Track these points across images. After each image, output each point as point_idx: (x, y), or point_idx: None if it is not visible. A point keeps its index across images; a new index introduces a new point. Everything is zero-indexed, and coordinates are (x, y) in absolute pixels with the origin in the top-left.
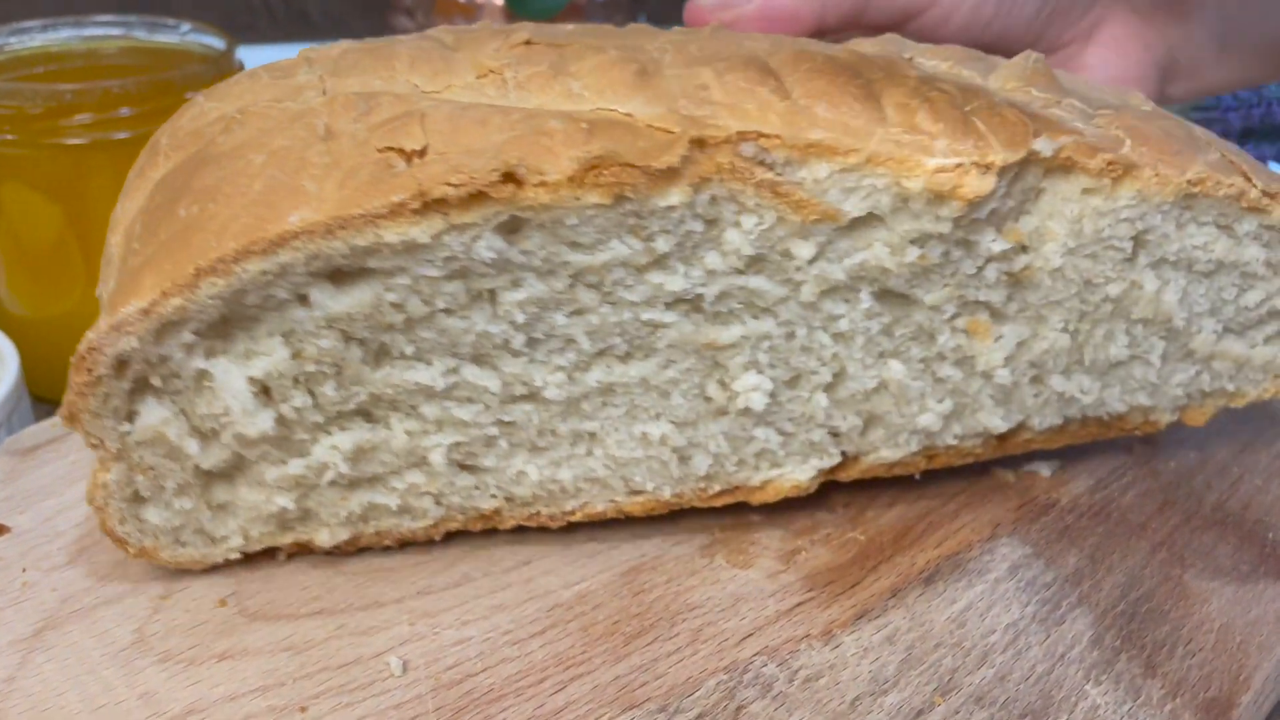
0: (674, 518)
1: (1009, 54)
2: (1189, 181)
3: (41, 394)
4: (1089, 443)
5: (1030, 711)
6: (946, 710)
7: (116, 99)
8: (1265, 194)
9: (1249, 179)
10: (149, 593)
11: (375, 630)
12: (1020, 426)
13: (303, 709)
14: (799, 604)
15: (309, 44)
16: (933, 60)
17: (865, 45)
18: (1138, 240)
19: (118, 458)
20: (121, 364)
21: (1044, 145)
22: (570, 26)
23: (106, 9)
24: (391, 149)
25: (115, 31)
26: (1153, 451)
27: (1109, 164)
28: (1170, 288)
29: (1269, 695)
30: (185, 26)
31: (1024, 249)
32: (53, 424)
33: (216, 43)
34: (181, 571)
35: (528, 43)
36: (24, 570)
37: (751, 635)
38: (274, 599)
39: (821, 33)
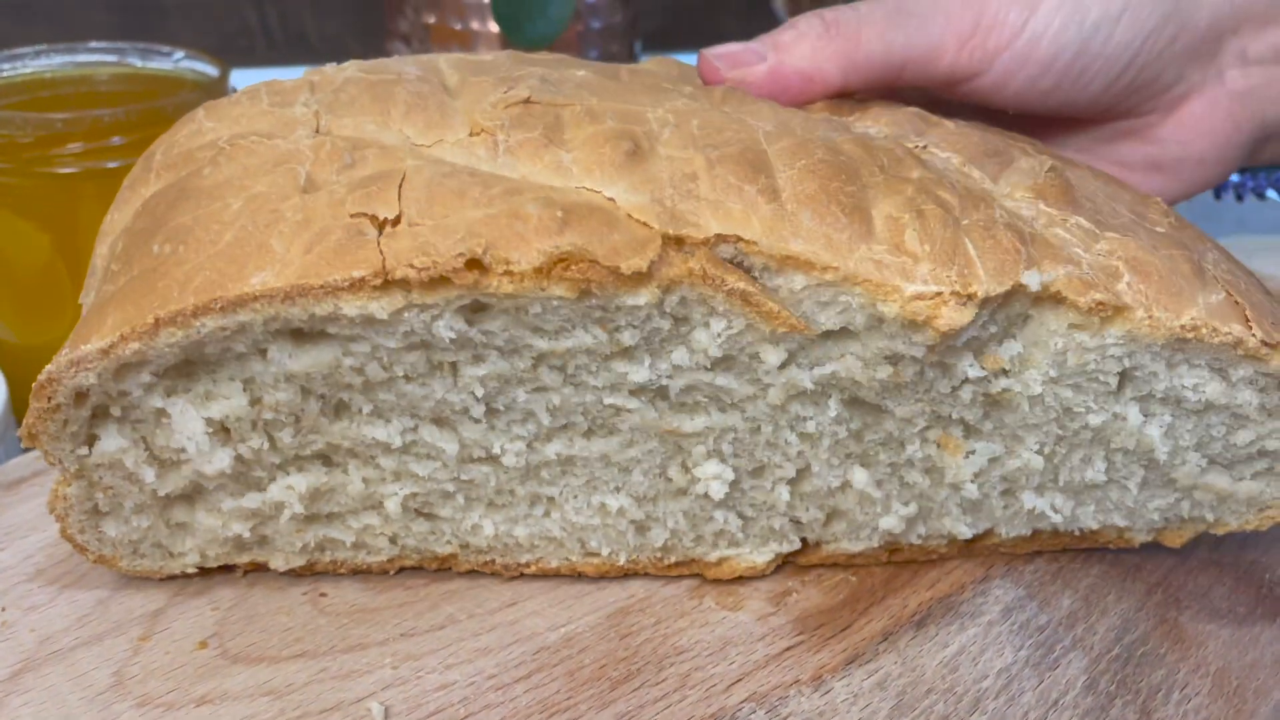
0: None
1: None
2: (1182, 327)
3: None
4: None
5: None
6: None
7: (108, 128)
8: (1265, 344)
9: (1249, 325)
10: (130, 634)
11: (357, 674)
12: (987, 533)
13: None
14: (788, 648)
15: (306, 68)
16: (946, 153)
17: (884, 118)
18: (1124, 375)
19: (77, 476)
20: (80, 395)
21: (1032, 279)
22: (580, 73)
23: (104, 33)
24: (365, 214)
25: (109, 58)
26: None
27: (1098, 304)
28: (1154, 422)
29: None
30: (179, 54)
31: (1005, 374)
32: (38, 456)
33: (210, 70)
34: (162, 611)
35: (527, 101)
36: (3, 609)
37: (740, 681)
38: (255, 641)
39: (848, 94)
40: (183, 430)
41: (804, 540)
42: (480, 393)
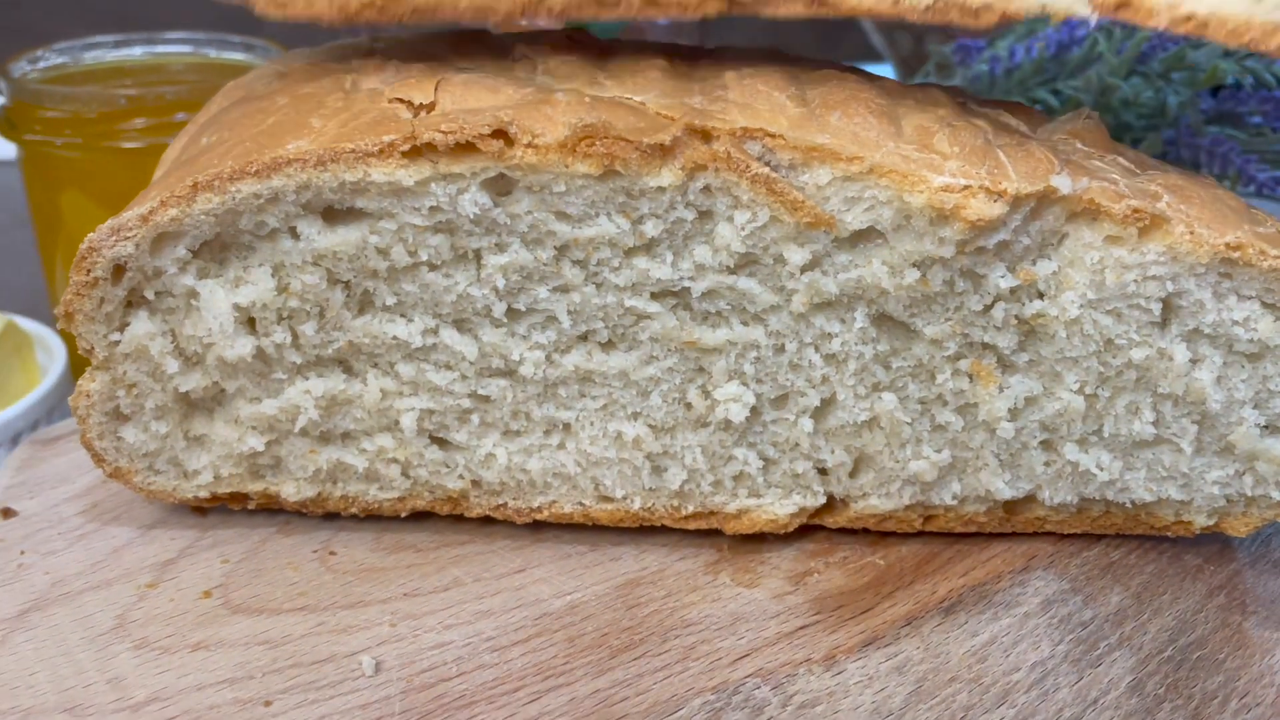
0: (681, 530)
1: None
2: (1227, 245)
3: None
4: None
5: None
6: None
7: (171, 105)
8: None
9: None
10: (138, 581)
11: (355, 629)
12: (1030, 499)
13: (267, 703)
14: (803, 627)
15: None
16: (983, 107)
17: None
18: (1168, 304)
19: (104, 366)
20: (118, 269)
21: (1063, 182)
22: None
23: (202, 26)
24: (401, 100)
25: (185, 49)
26: None
27: (1134, 211)
28: (1205, 365)
29: None
30: (257, 44)
31: (1040, 295)
32: None
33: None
34: (173, 561)
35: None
36: (22, 553)
37: (747, 656)
38: (259, 593)
39: None
40: (212, 312)
41: (830, 497)
42: (502, 286)
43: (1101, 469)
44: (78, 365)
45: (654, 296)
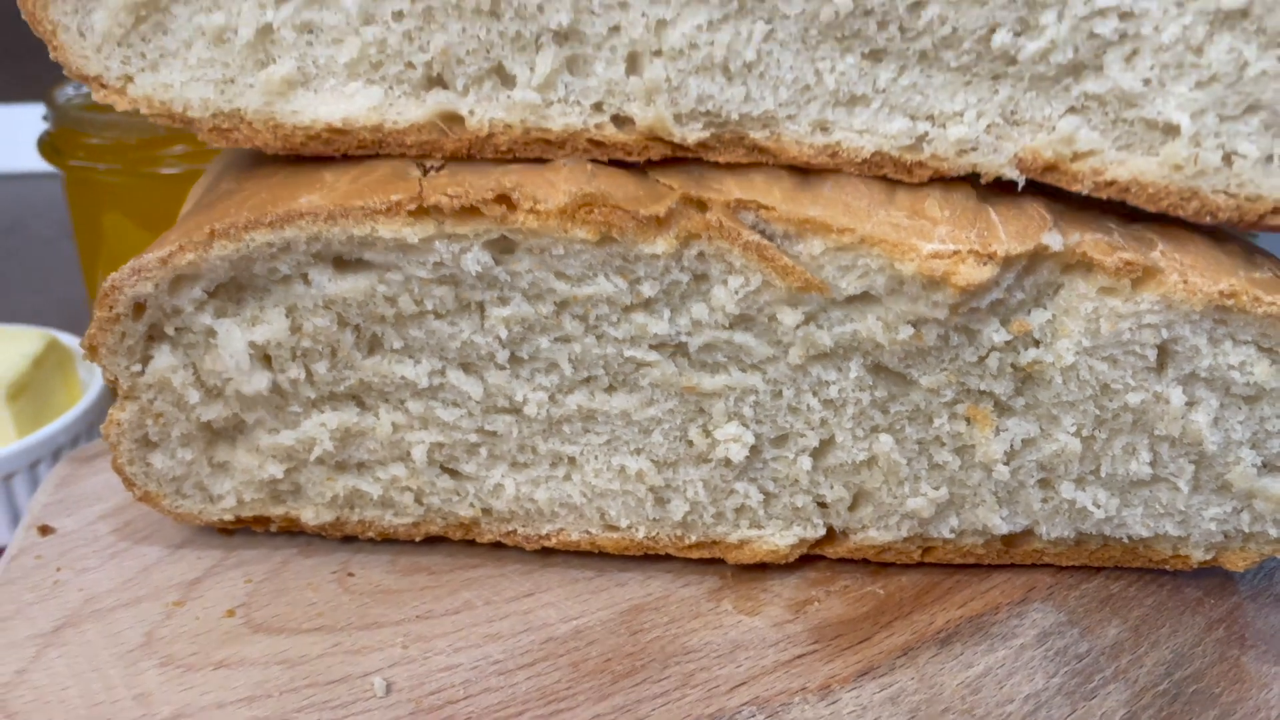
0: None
1: None
2: (1221, 293)
3: None
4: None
5: None
6: None
7: None
8: None
9: None
10: (166, 598)
11: (369, 650)
12: (1028, 533)
13: None
14: (800, 656)
15: None
16: None
17: None
18: (1164, 350)
19: (132, 396)
20: (139, 307)
21: (1054, 240)
22: None
23: None
24: (413, 158)
25: None
26: None
27: (1127, 263)
28: (1201, 408)
29: None
30: None
31: (1035, 343)
32: None
33: None
34: (200, 580)
35: None
36: (58, 570)
37: (744, 684)
38: (280, 613)
39: None
40: (228, 350)
41: (829, 530)
42: (504, 336)
43: (1098, 506)
44: None
45: (653, 347)
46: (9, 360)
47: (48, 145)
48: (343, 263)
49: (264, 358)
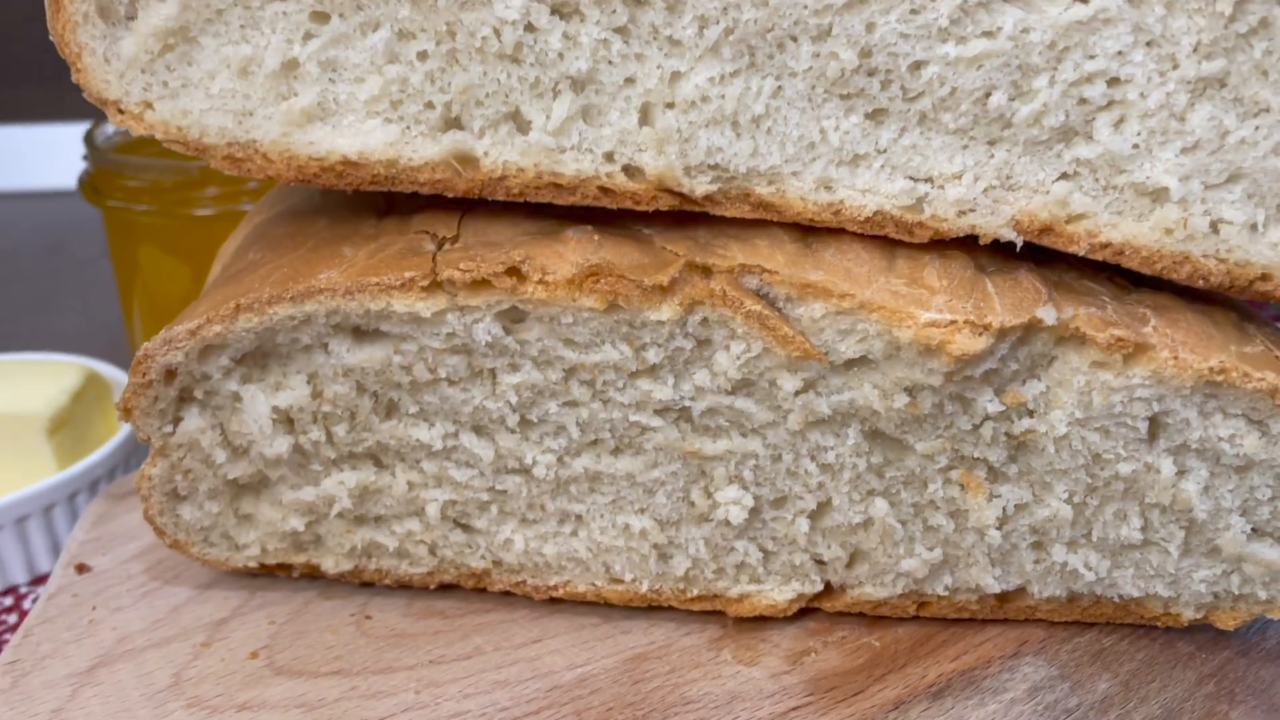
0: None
1: None
2: (1211, 369)
3: None
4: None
5: None
6: None
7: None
8: None
9: None
10: (194, 639)
11: (383, 695)
12: (1020, 591)
13: None
14: (795, 708)
15: None
16: None
17: None
18: (1155, 422)
19: (162, 454)
20: (170, 373)
21: (1048, 314)
22: None
23: None
24: (427, 232)
25: None
26: None
27: (1118, 340)
28: (1192, 477)
29: None
30: None
31: (1029, 413)
32: None
33: None
34: (226, 621)
35: None
36: (93, 609)
37: None
38: (300, 655)
39: None
40: (252, 414)
41: (827, 584)
42: (515, 401)
43: (1090, 569)
44: None
45: (657, 412)
46: (50, 395)
47: (88, 185)
48: (361, 333)
49: (287, 420)
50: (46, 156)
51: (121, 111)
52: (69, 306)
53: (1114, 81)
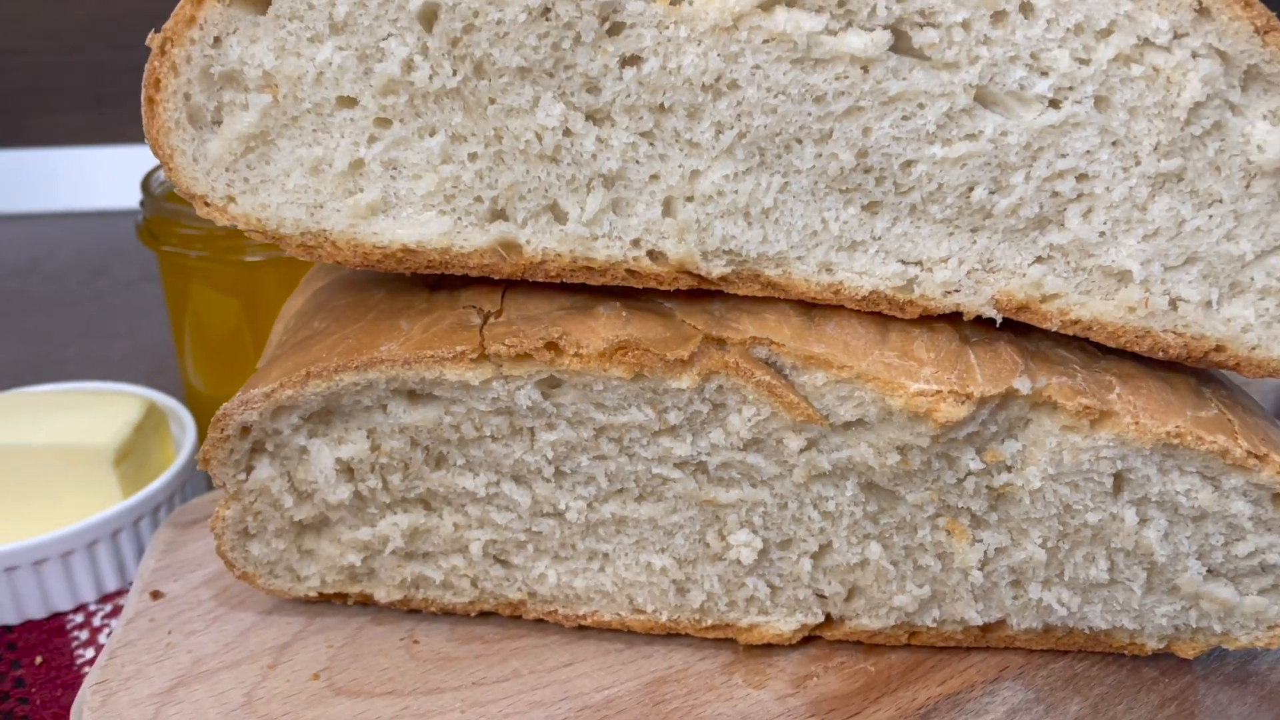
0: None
1: None
2: (1168, 433)
3: None
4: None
5: None
6: None
7: None
8: (1251, 454)
9: (1236, 438)
10: (261, 662)
11: (433, 714)
12: (1000, 623)
13: None
14: None
15: None
16: None
17: None
18: (1119, 478)
19: (235, 498)
20: (245, 430)
21: (1023, 385)
22: None
23: None
24: (474, 307)
25: None
26: None
27: (1085, 408)
28: (1152, 525)
29: None
30: None
31: (1007, 469)
32: (213, 500)
33: None
34: (289, 645)
35: None
36: (169, 633)
37: None
38: (357, 677)
39: None
40: (318, 465)
41: (828, 616)
42: (550, 455)
43: (1062, 604)
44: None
45: (676, 465)
46: (115, 427)
47: (144, 230)
48: (415, 396)
49: (348, 470)
50: (87, 179)
51: (207, 204)
52: (114, 331)
53: (1083, 177)
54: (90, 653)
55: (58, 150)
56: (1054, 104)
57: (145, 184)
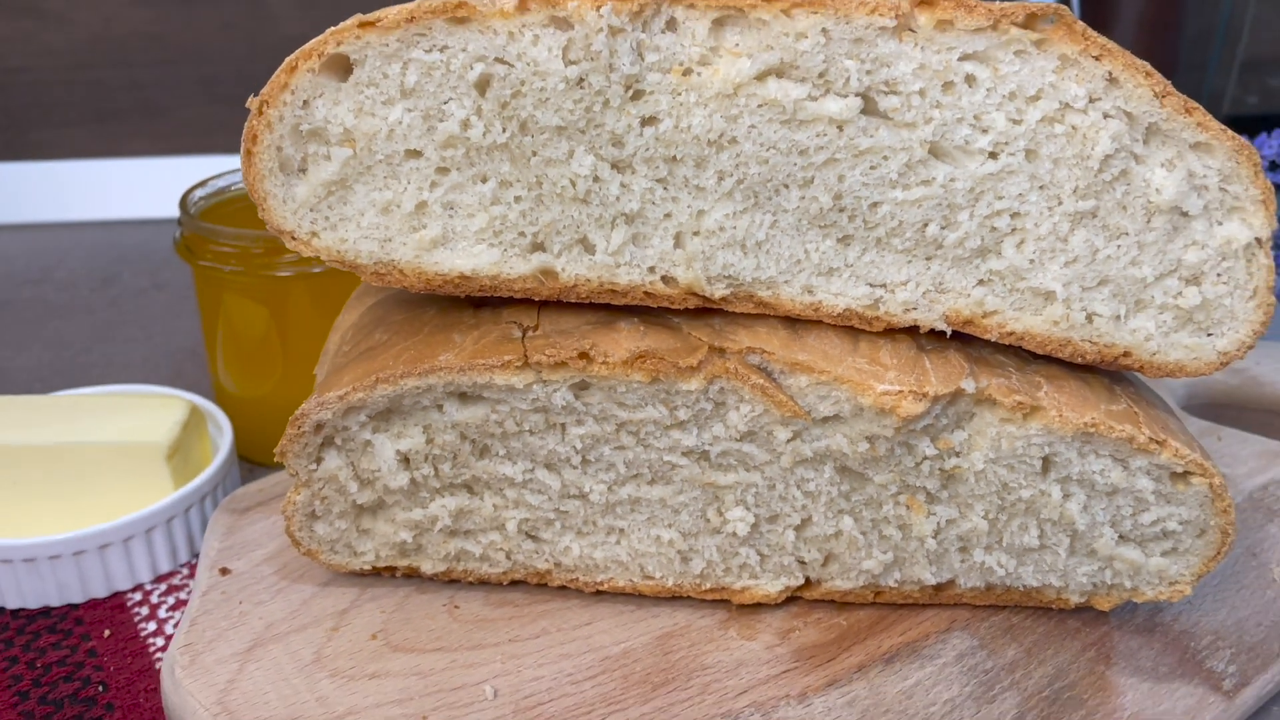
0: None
1: None
2: (1085, 424)
3: (247, 455)
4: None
5: None
6: None
7: None
8: (1153, 440)
9: (1141, 426)
10: (324, 625)
11: (477, 665)
12: (951, 583)
13: (424, 717)
14: (785, 671)
15: None
16: None
17: None
18: (1047, 460)
19: (305, 485)
20: (319, 427)
21: (969, 385)
22: None
23: None
24: (515, 322)
25: None
26: None
27: (1019, 404)
28: (1073, 500)
29: None
30: None
31: (956, 454)
32: (259, 489)
33: None
34: (347, 611)
35: None
36: (240, 603)
37: (745, 692)
38: (409, 637)
39: None
40: (380, 456)
41: (807, 579)
42: (578, 446)
43: (1001, 566)
44: (238, 434)
45: (684, 454)
46: (166, 426)
47: (181, 245)
48: (466, 397)
49: (405, 460)
50: (89, 190)
51: (294, 239)
52: (130, 336)
53: (1016, 215)
54: (152, 625)
55: (60, 163)
56: (993, 155)
57: (183, 204)
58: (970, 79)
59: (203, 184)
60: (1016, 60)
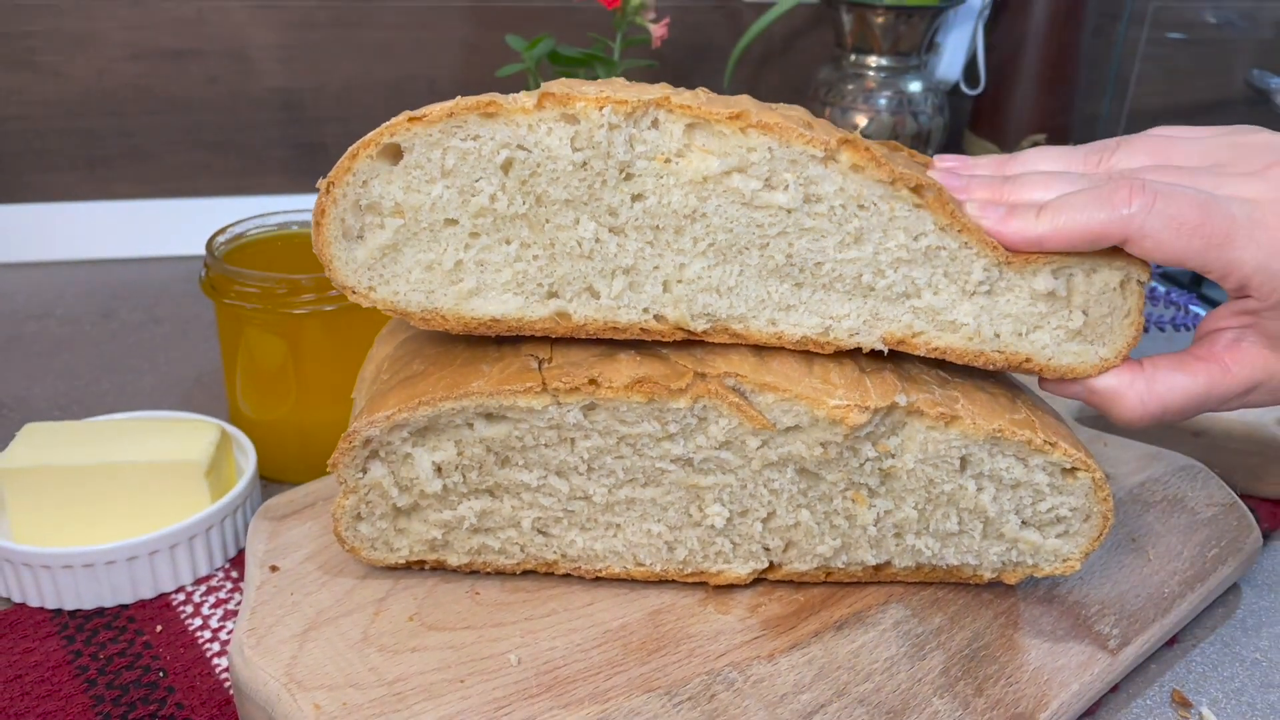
0: (685, 580)
1: None
2: (994, 430)
3: (265, 474)
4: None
5: (892, 710)
6: (839, 706)
7: (330, 283)
8: (1047, 442)
9: (1037, 431)
10: (367, 611)
11: (501, 639)
12: (888, 564)
13: (461, 681)
14: (755, 638)
15: None
16: None
17: None
18: (963, 460)
19: (353, 491)
20: (367, 442)
21: (901, 399)
22: None
23: None
24: (532, 355)
25: None
26: None
27: (941, 414)
28: (986, 492)
29: (1062, 715)
30: None
31: (891, 455)
32: (289, 500)
33: None
34: (385, 598)
35: None
36: (291, 594)
37: (724, 655)
38: (441, 618)
39: None
40: (418, 466)
41: (771, 563)
42: (585, 457)
43: (928, 549)
44: (263, 459)
45: (672, 461)
46: (201, 446)
47: (206, 283)
48: (492, 416)
49: (438, 470)
50: (80, 231)
51: (355, 293)
52: (136, 367)
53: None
54: (198, 621)
55: (54, 205)
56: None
57: (209, 246)
58: (876, 206)
59: (222, 231)
60: (909, 210)
